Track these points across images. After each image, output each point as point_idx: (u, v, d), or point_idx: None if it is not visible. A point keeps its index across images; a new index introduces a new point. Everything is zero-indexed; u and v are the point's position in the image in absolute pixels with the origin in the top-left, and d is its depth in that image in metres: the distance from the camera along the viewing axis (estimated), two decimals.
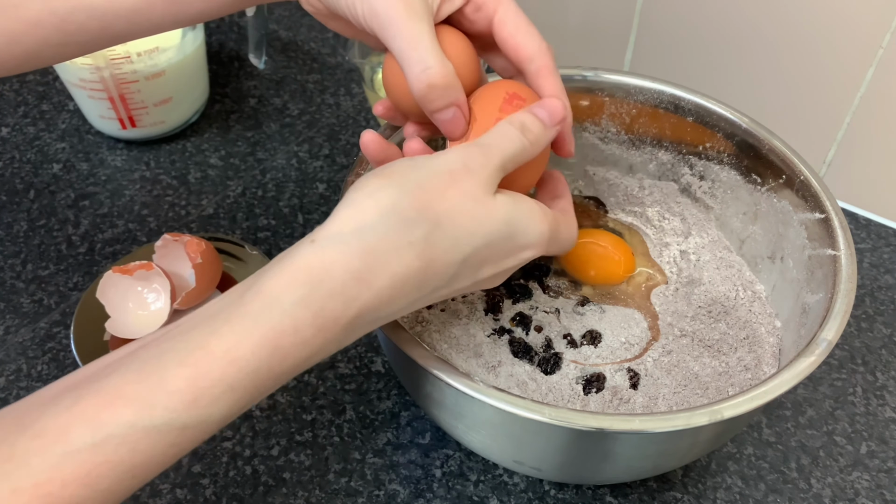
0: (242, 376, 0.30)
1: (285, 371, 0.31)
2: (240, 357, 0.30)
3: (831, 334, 0.39)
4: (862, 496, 0.47)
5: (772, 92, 0.63)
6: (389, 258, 0.32)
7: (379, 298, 0.32)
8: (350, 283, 0.31)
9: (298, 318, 0.31)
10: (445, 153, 0.35)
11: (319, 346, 0.32)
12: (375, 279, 0.32)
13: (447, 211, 0.33)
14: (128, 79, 0.62)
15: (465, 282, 0.35)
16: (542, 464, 0.42)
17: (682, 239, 0.53)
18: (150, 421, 0.29)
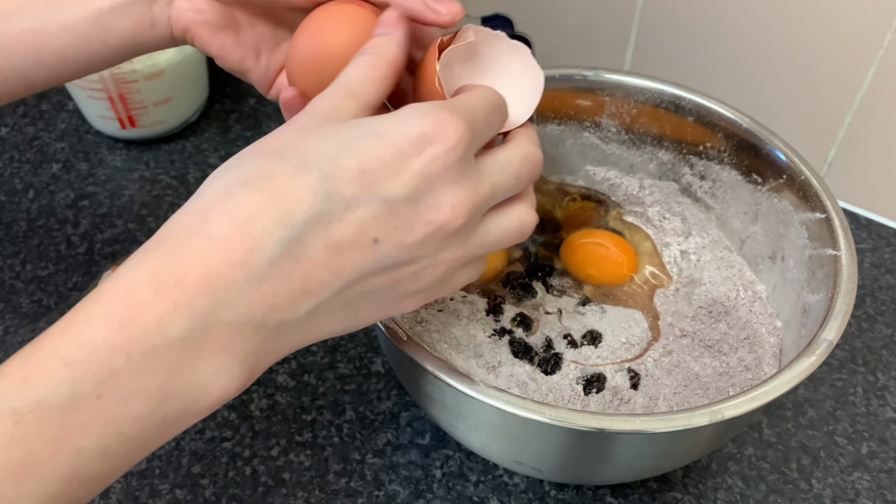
0: (76, 348, 0.27)
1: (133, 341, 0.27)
2: (72, 327, 0.27)
3: (832, 334, 0.39)
4: (863, 496, 0.47)
5: (772, 92, 0.63)
6: (221, 204, 0.28)
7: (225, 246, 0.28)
8: (181, 239, 0.28)
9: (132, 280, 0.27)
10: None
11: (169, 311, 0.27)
12: (211, 228, 0.28)
13: (282, 144, 0.30)
14: (127, 78, 0.62)
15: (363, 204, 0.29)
16: (542, 464, 0.42)
17: (683, 239, 0.53)
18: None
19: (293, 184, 0.28)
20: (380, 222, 0.29)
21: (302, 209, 0.28)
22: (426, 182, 0.30)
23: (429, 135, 0.30)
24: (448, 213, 0.30)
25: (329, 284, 0.29)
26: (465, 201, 0.30)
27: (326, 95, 0.32)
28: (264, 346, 0.29)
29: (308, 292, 0.29)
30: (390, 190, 0.29)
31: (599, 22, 0.68)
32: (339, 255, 0.29)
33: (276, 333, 0.29)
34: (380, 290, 0.31)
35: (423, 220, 0.30)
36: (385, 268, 0.30)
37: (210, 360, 0.28)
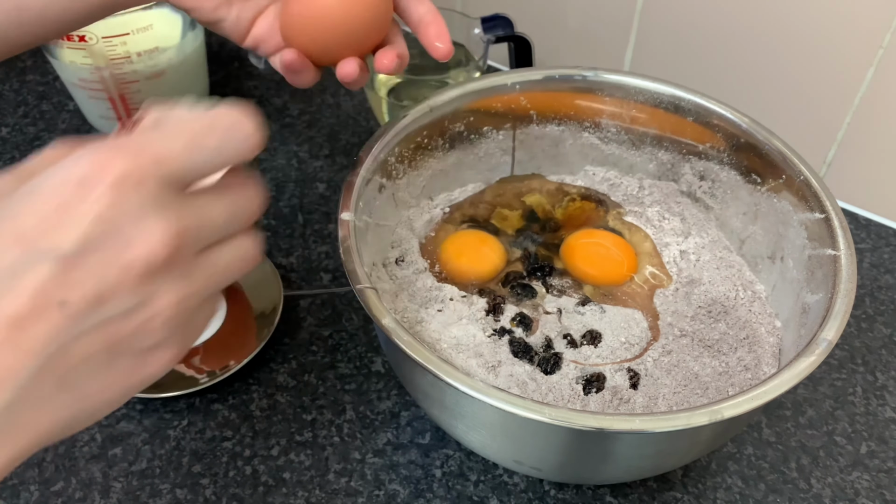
0: None
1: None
2: None
3: (831, 334, 0.39)
4: (862, 496, 0.47)
5: (772, 92, 0.63)
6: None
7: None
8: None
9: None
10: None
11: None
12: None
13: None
14: (128, 79, 0.62)
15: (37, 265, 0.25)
16: (541, 464, 0.42)
17: (682, 239, 0.53)
18: None
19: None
20: (59, 282, 0.25)
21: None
22: (102, 224, 0.26)
23: (85, 175, 0.26)
24: (145, 248, 0.26)
25: (21, 367, 0.25)
26: (164, 231, 0.27)
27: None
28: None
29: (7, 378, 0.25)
30: (61, 243, 0.25)
31: (599, 22, 0.68)
32: (21, 330, 0.25)
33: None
34: (102, 358, 0.27)
35: (118, 263, 0.26)
36: (90, 328, 0.26)
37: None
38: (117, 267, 0.26)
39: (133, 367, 0.28)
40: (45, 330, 0.25)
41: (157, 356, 0.29)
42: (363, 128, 0.70)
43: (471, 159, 0.55)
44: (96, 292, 0.26)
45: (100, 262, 0.26)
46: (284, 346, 0.54)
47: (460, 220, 0.54)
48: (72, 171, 0.26)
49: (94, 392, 0.28)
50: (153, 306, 0.27)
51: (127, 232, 0.26)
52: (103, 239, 0.26)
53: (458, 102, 0.52)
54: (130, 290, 0.26)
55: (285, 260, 0.59)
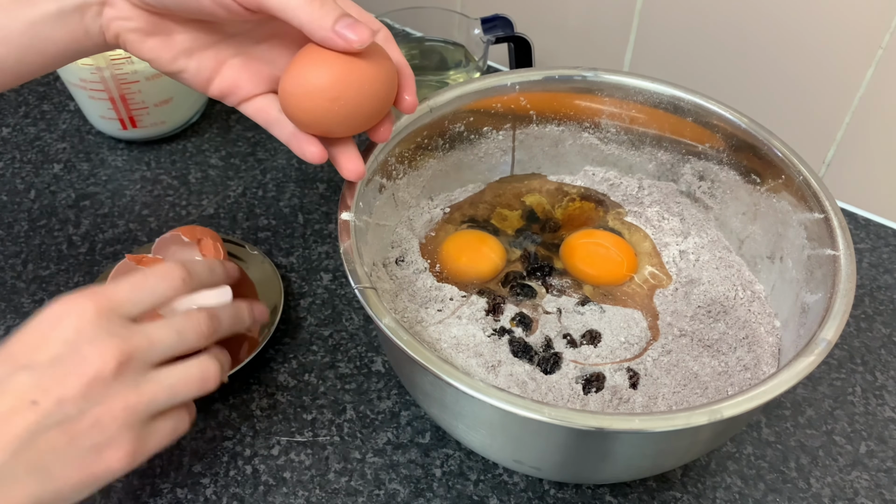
0: None
1: None
2: None
3: (830, 334, 0.39)
4: (861, 496, 0.47)
5: (771, 92, 0.63)
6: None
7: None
8: None
9: None
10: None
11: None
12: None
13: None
14: (128, 79, 0.62)
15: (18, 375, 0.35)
16: (541, 463, 0.42)
17: (682, 239, 0.53)
18: None
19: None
20: (33, 386, 0.34)
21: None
22: (68, 346, 0.35)
23: (59, 312, 0.36)
24: (96, 361, 0.35)
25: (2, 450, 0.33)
26: (111, 350, 0.35)
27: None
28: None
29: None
30: (35, 359, 0.35)
31: (599, 22, 0.69)
32: (3, 422, 0.33)
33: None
34: (65, 448, 0.34)
35: (76, 373, 0.35)
36: (55, 423, 0.34)
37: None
38: (76, 376, 0.35)
39: (92, 459, 0.35)
40: (20, 422, 0.33)
41: (111, 451, 0.35)
42: None
43: (471, 159, 0.55)
44: (60, 395, 0.34)
45: (63, 374, 0.35)
46: (284, 345, 0.54)
47: (460, 220, 0.54)
48: (52, 308, 0.36)
49: (60, 476, 0.34)
50: (104, 407, 0.35)
51: (83, 350, 0.35)
52: (67, 356, 0.35)
53: (458, 102, 0.52)
54: (85, 394, 0.35)
55: (285, 260, 0.59)
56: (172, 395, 0.38)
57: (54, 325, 0.36)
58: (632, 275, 0.51)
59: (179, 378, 0.38)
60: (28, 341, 0.36)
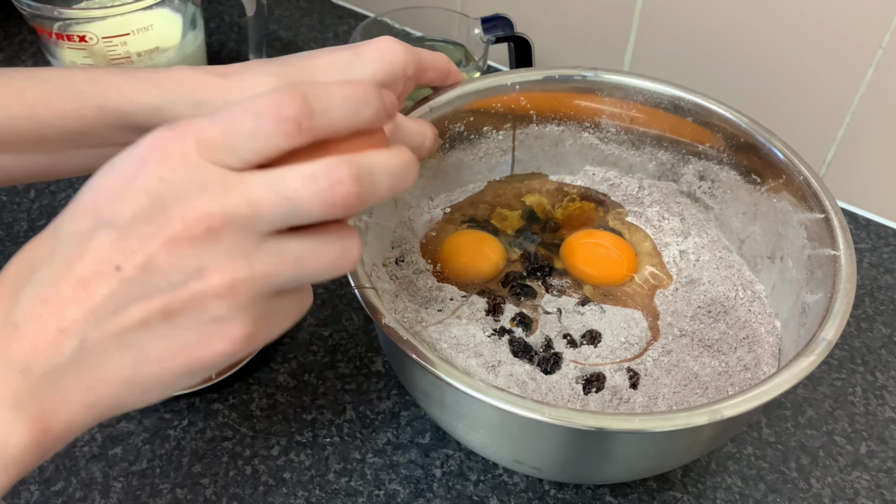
0: None
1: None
2: None
3: (831, 334, 0.39)
4: (861, 496, 0.47)
5: (772, 92, 0.63)
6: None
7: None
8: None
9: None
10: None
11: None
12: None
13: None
14: None
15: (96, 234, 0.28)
16: (541, 463, 0.42)
17: (682, 239, 0.53)
18: None
19: (37, 240, 0.30)
20: (116, 248, 0.28)
21: (41, 256, 0.29)
22: (150, 199, 0.28)
23: (144, 155, 0.29)
24: (179, 223, 0.28)
25: (83, 320, 0.28)
26: (202, 207, 0.28)
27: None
28: (41, 396, 0.28)
29: (64, 331, 0.28)
30: (116, 213, 0.28)
31: (599, 22, 0.68)
32: (84, 289, 0.28)
33: (49, 381, 0.28)
34: (159, 325, 0.29)
35: (160, 236, 0.28)
36: (144, 295, 0.28)
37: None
38: (160, 239, 0.28)
39: (198, 340, 0.29)
40: (102, 290, 0.28)
41: (221, 332, 0.29)
42: None
43: (471, 159, 0.55)
44: (144, 261, 0.28)
45: (147, 235, 0.28)
46: (284, 346, 0.54)
47: (460, 220, 0.54)
48: (137, 148, 0.29)
49: (156, 356, 0.29)
50: (204, 281, 0.28)
51: (171, 209, 0.28)
52: (152, 213, 0.28)
53: (458, 102, 0.52)
54: (174, 263, 0.28)
55: None
56: (297, 274, 0.30)
57: (137, 169, 0.29)
58: (632, 275, 0.51)
59: (308, 251, 0.30)
60: (109, 186, 0.29)
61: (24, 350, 0.28)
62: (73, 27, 0.59)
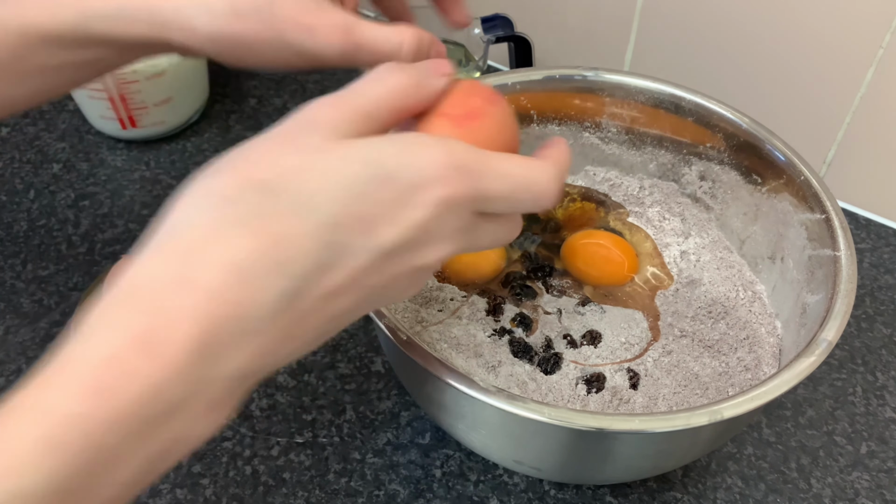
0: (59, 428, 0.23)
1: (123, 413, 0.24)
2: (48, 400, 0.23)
3: (831, 334, 0.39)
4: (862, 496, 0.47)
5: (772, 92, 0.63)
6: (211, 248, 0.25)
7: (220, 299, 0.25)
8: (166, 288, 0.25)
9: (113, 343, 0.24)
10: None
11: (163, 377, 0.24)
12: (201, 276, 0.25)
13: (280, 173, 0.27)
14: (128, 79, 0.62)
15: (362, 254, 0.27)
16: (542, 464, 0.42)
17: (683, 239, 0.53)
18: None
19: (293, 230, 0.26)
20: (374, 270, 0.28)
21: (301, 260, 0.26)
22: (420, 233, 0.28)
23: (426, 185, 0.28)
24: (433, 262, 0.30)
25: (314, 328, 0.28)
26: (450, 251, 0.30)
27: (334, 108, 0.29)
28: (246, 390, 0.28)
29: (294, 337, 0.27)
30: (387, 239, 0.28)
31: (599, 22, 0.68)
32: (330, 301, 0.27)
33: (258, 377, 0.28)
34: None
35: (410, 265, 0.29)
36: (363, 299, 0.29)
37: (202, 418, 0.26)
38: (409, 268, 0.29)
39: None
40: (343, 303, 0.28)
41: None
42: None
43: None
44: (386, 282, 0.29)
45: (402, 262, 0.29)
46: None
47: None
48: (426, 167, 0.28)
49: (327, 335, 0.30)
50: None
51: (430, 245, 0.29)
52: (414, 246, 0.29)
53: None
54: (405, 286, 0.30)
55: None
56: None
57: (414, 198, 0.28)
58: (632, 275, 0.51)
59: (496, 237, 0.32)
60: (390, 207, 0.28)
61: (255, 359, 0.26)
62: None
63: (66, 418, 0.23)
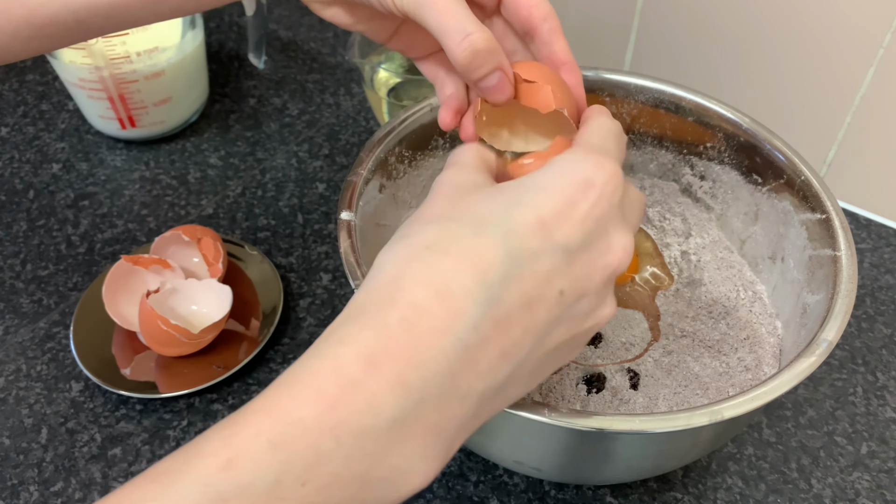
0: (284, 429, 0.25)
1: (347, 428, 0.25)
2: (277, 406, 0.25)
3: (832, 335, 0.39)
4: (862, 496, 0.47)
5: (772, 92, 0.63)
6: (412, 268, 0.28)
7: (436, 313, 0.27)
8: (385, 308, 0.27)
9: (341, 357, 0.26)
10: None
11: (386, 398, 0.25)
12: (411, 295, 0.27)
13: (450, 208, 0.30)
14: (127, 78, 0.62)
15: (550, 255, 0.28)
16: (542, 464, 0.42)
17: (683, 239, 0.53)
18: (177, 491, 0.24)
19: (479, 244, 0.27)
20: (563, 273, 0.28)
21: (495, 268, 0.27)
22: (597, 225, 0.29)
23: (591, 178, 0.29)
24: (620, 255, 0.29)
25: (522, 344, 0.28)
26: (630, 241, 0.30)
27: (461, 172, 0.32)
28: (464, 422, 0.27)
29: (506, 355, 0.27)
30: (568, 238, 0.28)
31: (599, 22, 0.68)
32: (530, 311, 0.28)
33: (477, 406, 0.27)
34: (563, 348, 0.30)
35: (600, 265, 0.29)
36: (569, 317, 0.29)
37: (417, 440, 0.26)
38: (600, 268, 0.29)
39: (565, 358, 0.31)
40: (544, 314, 0.28)
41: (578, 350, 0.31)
42: (363, 128, 0.70)
43: None
44: (583, 287, 0.29)
45: (589, 262, 0.29)
46: (284, 346, 0.54)
47: None
48: (577, 171, 0.29)
49: (543, 376, 0.30)
50: (604, 310, 0.30)
51: (610, 236, 0.29)
52: (594, 240, 0.29)
53: None
54: (598, 291, 0.29)
55: (285, 260, 0.59)
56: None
57: (584, 193, 0.29)
58: (633, 275, 0.51)
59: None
60: (560, 210, 0.28)
61: (468, 376, 0.27)
62: None
63: (292, 423, 0.25)
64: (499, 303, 0.27)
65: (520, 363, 0.28)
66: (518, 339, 0.27)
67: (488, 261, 0.27)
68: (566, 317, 0.29)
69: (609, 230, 0.29)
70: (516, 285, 0.27)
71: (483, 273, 0.27)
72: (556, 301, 0.28)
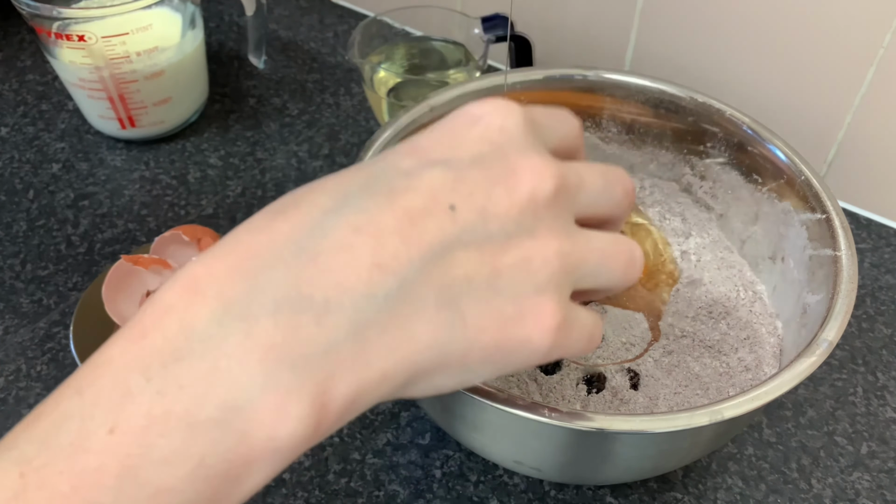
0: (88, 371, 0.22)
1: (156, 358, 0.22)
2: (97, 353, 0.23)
3: (832, 335, 0.39)
4: (863, 496, 0.47)
5: (772, 92, 0.63)
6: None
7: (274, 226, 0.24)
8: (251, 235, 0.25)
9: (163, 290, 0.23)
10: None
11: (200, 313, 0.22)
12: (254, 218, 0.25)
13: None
14: (127, 78, 0.62)
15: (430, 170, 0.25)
16: (542, 464, 0.42)
17: (683, 239, 0.53)
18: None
19: (341, 173, 0.26)
20: (450, 187, 0.25)
21: (354, 182, 0.25)
22: (491, 146, 0.26)
23: (474, 112, 0.27)
24: (530, 175, 0.26)
25: (406, 259, 0.24)
26: (546, 165, 0.26)
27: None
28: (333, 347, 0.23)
29: (381, 266, 0.23)
30: (453, 155, 0.26)
31: (599, 22, 0.68)
32: (411, 223, 0.24)
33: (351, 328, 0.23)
34: (482, 282, 0.25)
35: (503, 186, 0.26)
36: (474, 242, 0.25)
37: (252, 364, 0.22)
38: (504, 187, 0.26)
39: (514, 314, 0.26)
40: (433, 228, 0.24)
41: (536, 310, 0.26)
42: (363, 128, 0.70)
43: None
44: (483, 205, 0.25)
45: (487, 179, 0.26)
46: None
47: None
48: (466, 110, 0.28)
49: (471, 324, 0.25)
50: (535, 241, 0.26)
51: (514, 160, 0.26)
52: (490, 160, 0.26)
53: (457, 102, 0.51)
54: (513, 216, 0.26)
55: None
56: (600, 264, 0.28)
57: (471, 123, 0.27)
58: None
59: (608, 245, 0.29)
60: (438, 137, 0.27)
61: (323, 286, 0.23)
62: (72, 27, 0.59)
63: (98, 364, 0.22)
64: (358, 211, 0.24)
65: (406, 280, 0.24)
66: (398, 250, 0.24)
67: (347, 178, 0.25)
68: (471, 239, 0.25)
69: (508, 153, 0.26)
70: (384, 196, 0.24)
71: (337, 186, 0.25)
72: (448, 217, 0.25)
